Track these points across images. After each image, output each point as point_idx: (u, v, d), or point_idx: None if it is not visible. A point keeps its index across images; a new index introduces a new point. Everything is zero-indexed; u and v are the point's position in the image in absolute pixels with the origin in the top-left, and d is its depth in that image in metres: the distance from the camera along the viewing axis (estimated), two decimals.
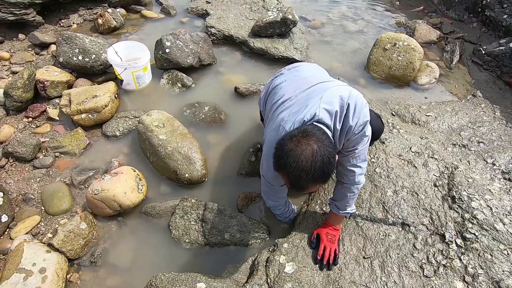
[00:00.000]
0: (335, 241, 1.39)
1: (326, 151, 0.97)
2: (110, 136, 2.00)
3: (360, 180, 1.30)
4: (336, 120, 1.12)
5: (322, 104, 1.11)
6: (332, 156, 0.99)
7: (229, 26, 2.75)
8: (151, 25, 2.98)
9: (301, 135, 0.99)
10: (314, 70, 1.47)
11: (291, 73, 1.42)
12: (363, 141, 1.21)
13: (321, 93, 1.15)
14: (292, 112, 1.15)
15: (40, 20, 2.78)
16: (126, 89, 2.30)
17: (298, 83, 1.29)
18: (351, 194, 1.33)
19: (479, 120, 1.99)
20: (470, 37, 2.67)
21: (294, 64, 1.52)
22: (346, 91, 1.14)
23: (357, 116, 1.13)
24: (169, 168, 1.74)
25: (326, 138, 1.02)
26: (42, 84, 2.14)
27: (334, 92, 1.14)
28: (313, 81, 1.24)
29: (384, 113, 2.05)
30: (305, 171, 0.95)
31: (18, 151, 1.82)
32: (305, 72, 1.39)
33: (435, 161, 1.67)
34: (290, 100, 1.21)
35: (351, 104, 1.12)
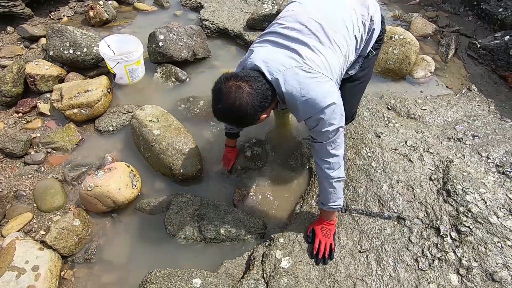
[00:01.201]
0: (330, 235, 1.38)
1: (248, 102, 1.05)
2: (103, 131, 1.97)
3: (331, 175, 1.24)
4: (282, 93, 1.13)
5: (287, 71, 1.11)
6: (250, 109, 1.06)
7: (223, 19, 2.71)
8: (143, 18, 2.92)
9: (241, 78, 1.06)
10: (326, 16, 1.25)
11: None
12: (321, 135, 1.18)
13: (299, 54, 1.12)
14: (267, 51, 1.16)
15: (29, 12, 2.71)
16: (119, 83, 2.26)
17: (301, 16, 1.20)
18: (328, 189, 1.29)
19: (474, 114, 1.99)
20: (465, 31, 2.66)
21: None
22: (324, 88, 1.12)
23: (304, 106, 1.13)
24: (163, 163, 1.72)
25: (259, 93, 1.07)
26: (32, 78, 2.09)
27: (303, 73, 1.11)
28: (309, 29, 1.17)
29: (379, 107, 2.05)
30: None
31: (9, 147, 1.78)
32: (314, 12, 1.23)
33: (430, 155, 1.67)
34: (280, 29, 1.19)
35: (307, 97, 1.10)
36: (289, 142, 1.94)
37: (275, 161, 1.86)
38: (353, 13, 1.24)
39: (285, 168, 1.82)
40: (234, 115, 1.10)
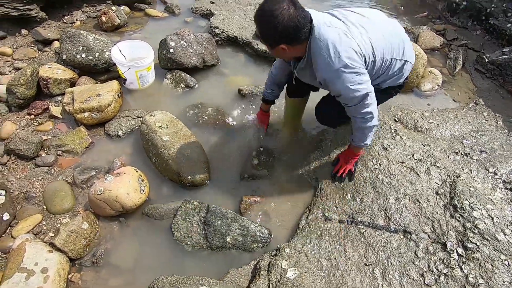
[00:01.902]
0: (352, 163, 1.65)
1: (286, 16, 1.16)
2: (112, 135, 2.00)
3: (363, 126, 1.42)
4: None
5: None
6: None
7: (233, 27, 2.75)
8: (154, 23, 2.97)
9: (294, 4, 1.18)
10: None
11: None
12: (349, 101, 1.35)
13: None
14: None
15: (44, 16, 2.77)
16: (129, 88, 2.30)
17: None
18: (360, 134, 1.48)
19: (482, 129, 2.00)
20: (473, 45, 2.68)
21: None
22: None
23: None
24: (171, 169, 1.74)
25: (295, 22, 1.18)
26: (45, 81, 2.13)
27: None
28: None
29: (387, 119, 2.06)
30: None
31: (20, 148, 1.81)
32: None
33: (437, 169, 1.68)
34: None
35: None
36: (296, 152, 1.96)
37: (282, 170, 1.87)
38: (400, 42, 1.44)
39: (292, 177, 1.84)
40: (265, 19, 1.20)
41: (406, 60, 1.49)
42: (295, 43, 1.26)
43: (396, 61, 1.46)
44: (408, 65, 1.52)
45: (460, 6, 2.85)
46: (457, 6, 2.87)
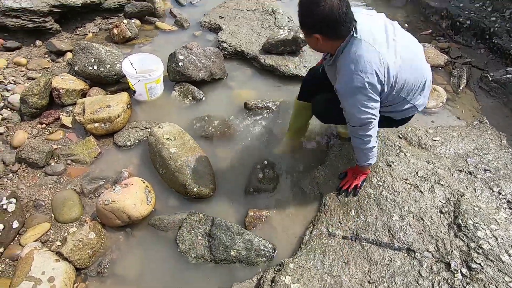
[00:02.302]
0: (359, 179, 1.69)
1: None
2: (121, 146, 2.04)
3: (361, 147, 1.48)
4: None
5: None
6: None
7: (240, 41, 2.82)
8: (164, 36, 3.05)
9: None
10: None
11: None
12: (351, 119, 1.40)
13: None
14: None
15: (58, 28, 2.86)
16: (138, 99, 2.35)
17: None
18: (360, 154, 1.55)
19: (486, 147, 2.01)
20: (477, 63, 2.71)
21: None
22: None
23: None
24: (178, 181, 1.77)
25: (335, 17, 1.19)
26: (58, 91, 2.19)
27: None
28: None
29: (391, 135, 2.08)
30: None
31: (32, 157, 1.86)
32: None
33: (441, 187, 1.69)
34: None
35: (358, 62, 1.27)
36: (301, 166, 1.98)
37: (287, 184, 1.89)
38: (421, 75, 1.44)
39: (297, 191, 1.85)
40: (307, 4, 1.21)
41: (415, 106, 1.50)
42: (329, 37, 1.27)
43: (406, 102, 1.48)
44: (413, 110, 1.52)
45: (464, 25, 2.90)
46: (461, 25, 2.92)
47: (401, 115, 1.58)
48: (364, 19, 1.32)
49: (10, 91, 2.31)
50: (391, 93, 1.39)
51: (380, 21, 1.39)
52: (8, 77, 2.44)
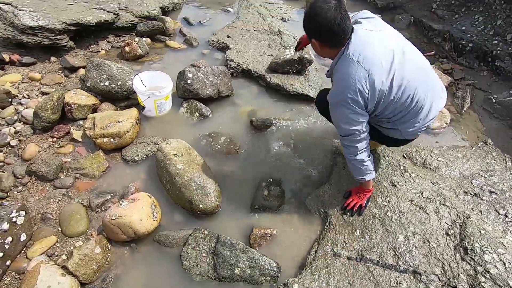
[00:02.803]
0: (363, 198, 1.72)
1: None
2: (128, 160, 2.08)
3: (350, 158, 1.56)
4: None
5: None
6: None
7: (247, 60, 2.90)
8: (174, 54, 3.15)
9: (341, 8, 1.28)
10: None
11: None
12: (338, 129, 1.51)
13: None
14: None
15: (72, 45, 2.98)
16: (147, 115, 2.41)
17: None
18: (352, 168, 1.63)
19: (491, 169, 2.01)
20: (480, 85, 2.75)
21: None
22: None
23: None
24: (184, 197, 1.78)
25: (331, 25, 1.29)
26: (70, 106, 2.26)
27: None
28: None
29: (395, 155, 2.10)
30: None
31: (42, 170, 1.90)
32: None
33: (447, 208, 1.69)
34: None
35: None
36: (306, 184, 1.99)
37: (292, 201, 1.90)
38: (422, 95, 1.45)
39: (302, 209, 1.86)
40: (309, 10, 1.33)
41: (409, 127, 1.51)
42: (324, 44, 1.38)
43: (402, 122, 1.52)
44: (406, 132, 1.54)
45: (466, 47, 2.96)
46: (464, 47, 2.99)
47: (392, 132, 1.59)
48: (364, 34, 1.35)
49: (24, 105, 2.38)
50: (389, 106, 1.42)
51: (384, 39, 1.39)
52: (22, 92, 2.52)
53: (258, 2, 3.99)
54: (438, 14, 3.45)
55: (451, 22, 3.30)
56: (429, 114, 1.50)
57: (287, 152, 2.18)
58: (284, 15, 3.84)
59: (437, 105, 1.52)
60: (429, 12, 3.57)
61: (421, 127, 1.52)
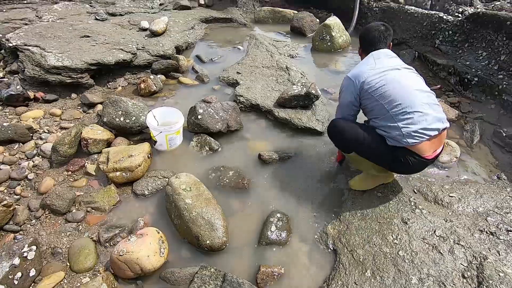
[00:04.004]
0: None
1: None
2: (139, 194, 2.12)
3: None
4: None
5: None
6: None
7: (256, 95, 3.01)
8: (186, 90, 3.30)
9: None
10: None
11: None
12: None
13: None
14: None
15: (92, 82, 3.18)
16: (158, 149, 2.49)
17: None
18: None
19: (506, 206, 1.95)
20: (489, 118, 2.75)
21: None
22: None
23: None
24: (191, 232, 1.79)
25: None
26: (86, 141, 2.36)
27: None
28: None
29: (405, 190, 2.07)
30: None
31: (55, 204, 1.95)
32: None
33: (462, 248, 1.62)
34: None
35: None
36: (315, 219, 1.97)
37: (300, 238, 1.87)
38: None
39: (310, 247, 1.82)
40: (367, 25, 2.05)
41: (399, 128, 1.68)
42: (361, 49, 2.05)
43: (390, 118, 1.71)
44: (399, 135, 1.68)
45: (472, 81, 3.00)
46: (469, 81, 3.03)
47: (390, 138, 1.73)
48: (381, 53, 1.90)
49: (44, 140, 2.51)
50: (370, 97, 1.77)
51: (392, 61, 1.87)
52: (43, 127, 2.67)
53: (267, 40, 4.22)
54: (442, 49, 3.55)
55: (455, 57, 3.37)
56: (426, 120, 1.67)
57: (295, 186, 2.19)
58: (291, 52, 4.03)
59: (433, 114, 1.71)
60: (433, 47, 3.68)
61: (420, 131, 1.66)
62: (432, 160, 1.79)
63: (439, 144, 1.76)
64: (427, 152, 1.71)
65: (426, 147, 1.69)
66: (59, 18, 4.05)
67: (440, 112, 1.74)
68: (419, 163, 1.74)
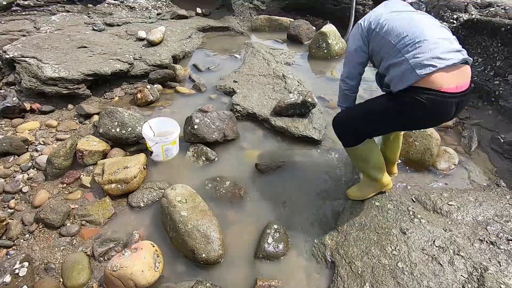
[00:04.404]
0: None
1: None
2: (134, 206, 2.10)
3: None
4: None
5: None
6: None
7: (253, 104, 3.00)
8: (183, 99, 3.30)
9: None
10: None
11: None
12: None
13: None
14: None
15: (88, 93, 3.17)
16: (155, 160, 2.47)
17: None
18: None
19: (506, 214, 1.92)
20: (486, 124, 2.74)
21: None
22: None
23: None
24: (187, 246, 1.76)
25: None
26: (81, 153, 2.35)
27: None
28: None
29: (404, 198, 2.05)
30: None
31: (49, 217, 1.93)
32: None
33: (462, 259, 1.60)
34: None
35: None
36: (312, 230, 1.94)
37: (297, 250, 1.84)
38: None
39: (307, 259, 1.79)
40: None
41: (408, 61, 1.43)
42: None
43: (398, 53, 1.49)
44: (408, 69, 1.42)
45: None
46: None
47: (397, 80, 1.49)
48: (394, 1, 1.77)
49: (39, 152, 2.49)
50: (378, 35, 1.60)
51: (407, 7, 1.73)
52: (39, 138, 2.66)
53: (264, 48, 4.24)
54: None
55: None
56: (438, 48, 1.41)
57: (292, 196, 2.16)
58: (288, 60, 4.04)
59: (448, 45, 1.45)
60: None
61: (430, 58, 1.39)
62: (458, 96, 1.41)
63: (463, 78, 1.42)
64: (447, 84, 1.37)
65: (444, 78, 1.37)
66: (56, 29, 4.08)
67: (458, 45, 1.47)
68: (440, 102, 1.39)
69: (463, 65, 1.44)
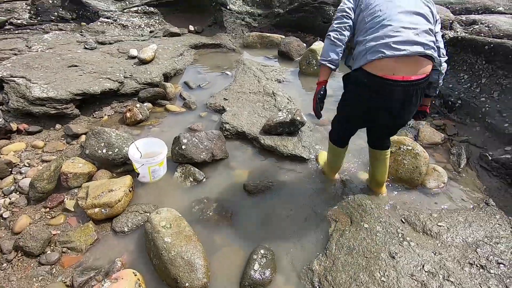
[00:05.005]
0: (315, 95, 2.04)
1: None
2: (118, 231, 2.04)
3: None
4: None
5: None
6: None
7: (242, 122, 3.00)
8: (172, 118, 3.29)
9: None
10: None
11: None
12: None
13: None
14: None
15: (77, 112, 3.15)
16: (141, 181, 2.43)
17: None
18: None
19: (496, 235, 1.90)
20: (474, 141, 2.74)
21: None
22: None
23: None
24: (170, 274, 1.70)
25: None
26: (66, 176, 2.30)
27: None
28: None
29: (393, 220, 2.02)
30: None
31: (28, 245, 1.86)
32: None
33: (452, 285, 1.56)
34: None
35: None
36: (300, 254, 1.89)
37: (285, 276, 1.79)
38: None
39: (295, 285, 1.74)
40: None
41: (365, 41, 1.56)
42: None
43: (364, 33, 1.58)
44: (362, 50, 1.57)
45: (456, 104, 3.03)
46: (453, 104, 3.05)
47: (355, 59, 1.64)
48: None
49: (23, 175, 2.44)
50: (360, 9, 1.66)
51: None
52: (24, 160, 2.61)
53: (254, 65, 4.27)
54: None
55: None
56: (396, 37, 1.45)
57: (280, 219, 2.12)
58: (278, 77, 4.07)
59: (410, 35, 1.46)
60: None
61: (383, 45, 1.45)
62: (404, 86, 1.48)
63: (414, 69, 1.46)
64: (391, 72, 1.45)
65: (389, 66, 1.45)
66: (48, 48, 4.09)
67: (424, 38, 1.47)
68: (381, 84, 1.49)
69: (421, 57, 1.47)
